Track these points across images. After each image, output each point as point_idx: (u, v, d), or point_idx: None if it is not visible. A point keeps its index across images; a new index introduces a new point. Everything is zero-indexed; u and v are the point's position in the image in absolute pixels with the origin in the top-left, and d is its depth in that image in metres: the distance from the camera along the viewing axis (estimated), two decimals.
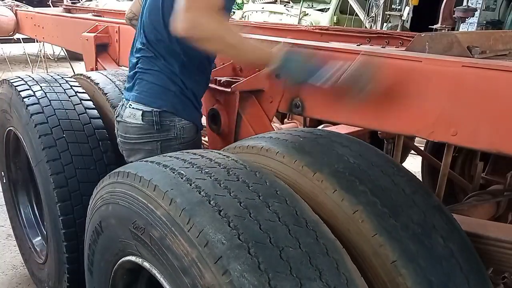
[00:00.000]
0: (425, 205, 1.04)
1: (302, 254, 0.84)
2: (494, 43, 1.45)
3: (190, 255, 0.85)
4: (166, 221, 0.91)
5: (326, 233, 0.93)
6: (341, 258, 0.89)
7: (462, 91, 1.09)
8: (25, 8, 3.96)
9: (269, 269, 0.79)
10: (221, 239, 0.82)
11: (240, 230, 0.84)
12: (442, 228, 1.01)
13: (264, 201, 0.93)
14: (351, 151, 1.13)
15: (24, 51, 7.27)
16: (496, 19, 7.03)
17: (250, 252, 0.80)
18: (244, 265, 0.78)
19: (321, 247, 0.87)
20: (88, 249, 1.34)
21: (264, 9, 9.44)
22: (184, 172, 0.99)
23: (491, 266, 1.32)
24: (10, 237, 2.84)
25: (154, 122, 1.56)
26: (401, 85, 1.20)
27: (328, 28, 2.71)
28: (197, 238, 0.84)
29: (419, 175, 2.74)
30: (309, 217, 0.94)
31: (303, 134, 1.27)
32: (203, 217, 0.86)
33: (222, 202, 0.90)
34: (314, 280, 0.80)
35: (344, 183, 1.00)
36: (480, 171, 2.04)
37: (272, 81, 1.53)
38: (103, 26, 2.49)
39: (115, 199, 1.12)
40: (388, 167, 1.10)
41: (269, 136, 1.28)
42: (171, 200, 0.91)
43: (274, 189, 0.98)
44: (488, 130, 1.05)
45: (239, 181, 0.98)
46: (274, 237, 0.84)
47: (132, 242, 1.07)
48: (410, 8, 6.28)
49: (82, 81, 2.17)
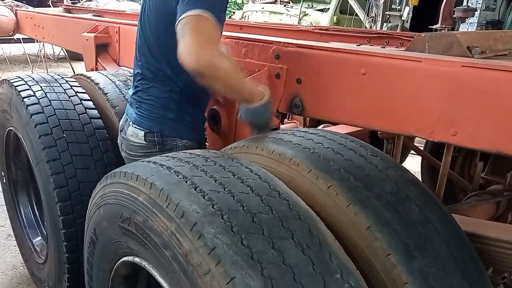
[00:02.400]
0: (399, 179, 1.08)
1: (274, 218, 0.89)
2: (494, 43, 1.45)
3: (169, 229, 0.90)
4: (147, 204, 0.96)
5: (299, 202, 0.98)
6: (314, 223, 0.93)
7: (462, 91, 1.09)
8: (25, 8, 3.96)
9: (242, 231, 0.84)
10: (196, 209, 0.87)
11: (215, 201, 0.89)
12: (417, 198, 1.04)
13: (238, 178, 0.98)
14: (325, 139, 1.20)
15: (24, 51, 7.27)
16: (496, 19, 7.03)
17: (223, 218, 0.86)
18: (218, 228, 0.84)
19: (293, 213, 0.92)
20: (87, 263, 1.37)
21: (264, 9, 9.44)
22: (164, 163, 1.05)
23: (491, 266, 1.32)
24: (10, 237, 2.84)
25: (157, 143, 1.57)
26: (401, 85, 1.20)
27: (328, 28, 2.71)
28: (174, 212, 0.89)
29: (419, 175, 2.74)
30: (282, 190, 0.99)
31: (286, 130, 1.36)
32: (179, 194, 0.91)
33: (198, 181, 0.95)
34: (286, 239, 0.85)
35: (318, 164, 1.06)
36: (479, 171, 2.04)
37: (272, 81, 1.53)
38: (103, 26, 2.49)
39: (105, 200, 1.16)
40: (361, 149, 1.16)
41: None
42: (151, 184, 0.97)
43: (249, 169, 1.04)
44: (488, 130, 1.05)
45: (216, 165, 1.04)
46: (247, 206, 0.90)
47: (122, 239, 1.11)
48: (410, 8, 6.28)
49: (82, 81, 2.17)
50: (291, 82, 1.48)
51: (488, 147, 1.07)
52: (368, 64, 1.27)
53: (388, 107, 1.24)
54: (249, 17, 9.24)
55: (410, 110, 1.19)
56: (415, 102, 1.18)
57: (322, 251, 0.88)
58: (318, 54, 1.40)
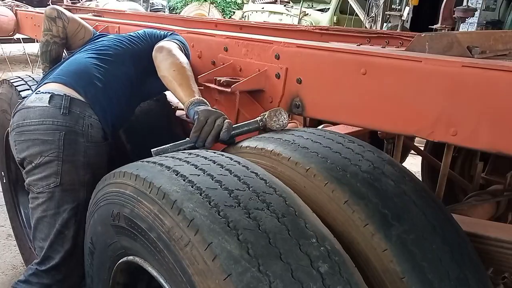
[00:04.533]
0: (374, 159, 1.13)
1: (251, 193, 0.94)
2: (494, 43, 1.45)
3: (152, 212, 0.95)
4: (133, 194, 1.02)
5: (276, 181, 1.03)
6: (290, 196, 0.98)
7: (462, 91, 1.09)
8: (25, 8, 3.95)
9: (219, 204, 0.89)
10: (176, 189, 0.94)
11: (194, 182, 0.95)
12: (393, 174, 1.09)
13: (218, 164, 1.05)
14: (305, 133, 1.27)
15: (24, 51, 7.27)
16: (496, 19, 7.04)
17: (201, 195, 0.92)
18: (196, 203, 0.90)
19: (270, 189, 0.98)
20: (87, 277, 1.38)
21: (264, 9, 9.45)
22: (150, 159, 1.13)
23: (491, 266, 1.32)
24: (10, 237, 2.84)
25: (62, 106, 1.50)
26: (401, 85, 1.20)
27: (328, 28, 2.71)
28: (157, 195, 0.95)
29: (419, 175, 2.74)
30: (260, 172, 1.05)
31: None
32: (161, 179, 0.98)
33: (179, 169, 1.01)
34: (262, 210, 0.91)
35: (297, 153, 1.13)
36: (480, 171, 2.04)
37: (272, 81, 1.53)
38: (103, 26, 2.49)
39: (97, 205, 1.20)
40: (339, 138, 1.22)
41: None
42: (136, 176, 1.03)
43: (230, 158, 1.10)
44: (488, 130, 1.05)
45: (198, 157, 1.10)
46: (225, 184, 0.96)
47: (115, 239, 1.14)
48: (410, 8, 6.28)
49: None
50: (291, 82, 1.48)
51: (488, 147, 1.07)
52: (368, 64, 1.27)
53: (388, 107, 1.24)
54: (249, 17, 9.25)
55: (410, 110, 1.19)
56: (415, 102, 1.18)
57: (298, 219, 0.92)
58: (318, 54, 1.40)
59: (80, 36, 1.91)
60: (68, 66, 1.71)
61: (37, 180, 1.52)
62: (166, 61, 1.58)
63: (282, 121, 1.35)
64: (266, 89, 1.57)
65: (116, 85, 1.70)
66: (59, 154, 1.49)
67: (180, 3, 15.02)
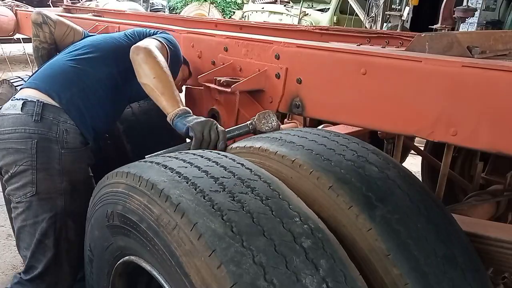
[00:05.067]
0: (358, 149, 1.17)
1: (236, 180, 0.98)
2: (494, 43, 1.45)
3: (142, 203, 0.99)
4: (125, 191, 1.06)
5: (262, 171, 1.06)
6: (274, 182, 1.02)
7: (462, 91, 1.09)
8: (25, 8, 3.95)
9: (204, 190, 0.93)
10: (163, 180, 0.98)
11: (181, 173, 0.99)
12: (377, 161, 1.13)
13: (206, 158, 1.09)
14: (293, 131, 1.31)
15: (24, 51, 7.26)
16: (496, 19, 7.03)
17: (188, 182, 0.96)
18: (182, 190, 0.93)
19: (254, 176, 1.02)
20: (88, 287, 1.39)
21: (264, 9, 9.44)
22: (142, 160, 1.17)
23: (491, 266, 1.32)
24: (10, 237, 2.84)
25: (34, 113, 1.46)
26: (401, 85, 1.20)
27: (328, 28, 2.71)
28: (146, 187, 0.99)
29: (419, 175, 2.73)
30: (246, 163, 1.08)
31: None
32: (150, 173, 1.02)
33: (168, 164, 1.05)
34: (246, 193, 0.94)
35: (284, 148, 1.17)
36: (480, 171, 2.04)
37: (272, 81, 1.53)
38: (103, 26, 2.49)
39: (94, 209, 1.23)
40: (326, 133, 1.26)
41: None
42: (127, 173, 1.07)
43: (217, 153, 1.15)
44: (488, 130, 1.05)
45: (187, 154, 1.14)
46: (211, 173, 0.99)
47: (111, 241, 1.17)
48: (410, 8, 6.27)
49: None
50: (291, 82, 1.48)
51: (488, 147, 1.07)
52: (368, 64, 1.27)
53: (388, 107, 1.24)
54: (249, 17, 9.25)
55: (410, 110, 1.19)
56: (415, 102, 1.18)
57: (282, 202, 0.95)
58: (318, 54, 1.40)
59: (69, 39, 1.86)
60: (44, 70, 1.66)
61: (14, 190, 1.50)
62: (144, 66, 1.49)
63: (271, 123, 1.37)
64: (266, 89, 1.57)
65: (97, 87, 1.63)
66: (32, 162, 1.46)
67: (180, 3, 15.02)
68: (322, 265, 0.85)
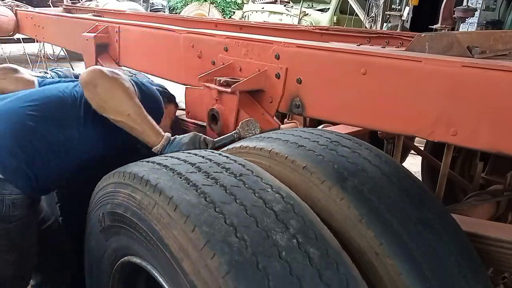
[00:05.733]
0: (332, 136, 1.26)
1: (212, 164, 1.06)
2: (494, 43, 1.45)
3: (126, 194, 1.05)
4: (112, 189, 1.13)
5: (239, 158, 1.12)
6: (249, 164, 1.09)
7: (462, 91, 1.09)
8: (25, 8, 3.95)
9: (182, 172, 1.01)
10: (144, 169, 1.06)
11: (162, 163, 1.07)
12: (349, 144, 1.21)
13: (187, 152, 1.15)
14: (287, 130, 1.39)
15: (24, 51, 7.27)
16: (496, 19, 7.03)
17: (166, 169, 1.03)
18: (161, 174, 1.01)
19: (230, 161, 1.09)
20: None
21: (264, 9, 9.44)
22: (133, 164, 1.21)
23: (491, 266, 1.32)
24: None
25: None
26: (401, 85, 1.20)
27: (328, 28, 2.70)
28: (129, 178, 1.06)
29: (419, 175, 2.73)
30: (226, 153, 1.15)
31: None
32: (134, 167, 1.09)
33: (151, 159, 1.13)
34: (221, 172, 1.02)
35: (262, 142, 1.24)
36: (480, 171, 2.04)
37: (272, 81, 1.53)
38: (103, 26, 2.48)
39: (90, 216, 1.28)
40: (321, 132, 1.32)
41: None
42: (114, 173, 1.15)
43: (199, 149, 1.23)
44: (488, 130, 1.05)
45: (176, 153, 1.20)
46: (189, 161, 1.07)
47: (106, 246, 1.21)
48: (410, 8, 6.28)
49: None
50: (291, 82, 1.48)
51: (488, 147, 1.07)
52: (368, 64, 1.27)
53: (388, 107, 1.24)
54: (249, 17, 9.25)
55: (410, 110, 1.19)
56: (415, 102, 1.18)
57: (255, 177, 1.02)
58: (318, 54, 1.40)
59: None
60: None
61: None
62: (112, 102, 1.35)
63: (254, 129, 1.47)
64: (266, 89, 1.57)
65: (48, 147, 1.40)
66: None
67: (180, 3, 15.01)
68: (293, 225, 0.90)
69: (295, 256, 0.85)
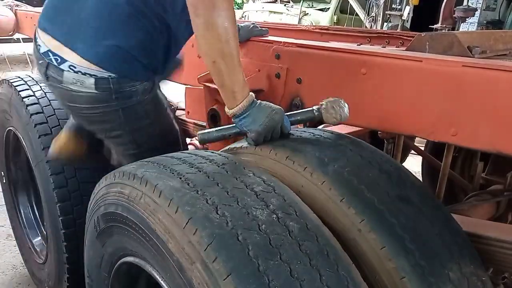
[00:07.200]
0: (315, 131, 1.30)
1: (197, 157, 1.11)
2: (494, 43, 1.45)
3: (117, 192, 1.09)
4: (105, 190, 1.15)
5: (224, 153, 1.17)
6: (233, 157, 1.14)
7: (462, 91, 1.09)
8: (25, 8, 3.95)
9: (167, 165, 1.05)
10: (132, 166, 1.09)
11: (150, 160, 1.12)
12: (330, 136, 1.27)
13: (193, 155, 1.17)
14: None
15: (24, 51, 7.26)
16: (496, 19, 7.03)
17: (153, 164, 1.08)
18: (148, 168, 1.05)
19: (215, 154, 1.13)
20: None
21: (264, 9, 9.44)
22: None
23: (491, 266, 1.32)
24: (10, 237, 2.84)
25: (113, 90, 1.34)
26: (401, 85, 1.20)
27: (328, 28, 2.70)
28: (118, 177, 1.10)
29: (419, 175, 2.73)
30: (222, 153, 1.18)
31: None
32: (124, 167, 1.12)
33: (154, 159, 1.15)
34: (204, 163, 1.07)
35: (274, 145, 1.24)
36: (480, 171, 2.04)
37: (272, 81, 1.53)
38: None
39: (88, 223, 1.29)
40: (316, 131, 1.35)
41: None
42: (109, 175, 1.16)
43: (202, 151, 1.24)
44: (488, 130, 1.05)
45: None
46: (175, 156, 1.11)
47: (103, 252, 1.22)
48: (411, 8, 6.28)
49: None
50: (291, 82, 1.48)
51: (488, 147, 1.07)
52: (369, 64, 1.26)
53: (388, 107, 1.24)
54: (249, 17, 9.24)
55: (410, 110, 1.19)
56: (415, 102, 1.17)
57: (237, 166, 1.07)
58: (318, 53, 1.40)
59: None
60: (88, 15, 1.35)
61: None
62: (210, 41, 1.16)
63: (341, 114, 1.22)
64: (266, 89, 1.56)
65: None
66: (124, 128, 1.50)
67: None
68: (273, 202, 0.95)
69: (274, 229, 0.88)
